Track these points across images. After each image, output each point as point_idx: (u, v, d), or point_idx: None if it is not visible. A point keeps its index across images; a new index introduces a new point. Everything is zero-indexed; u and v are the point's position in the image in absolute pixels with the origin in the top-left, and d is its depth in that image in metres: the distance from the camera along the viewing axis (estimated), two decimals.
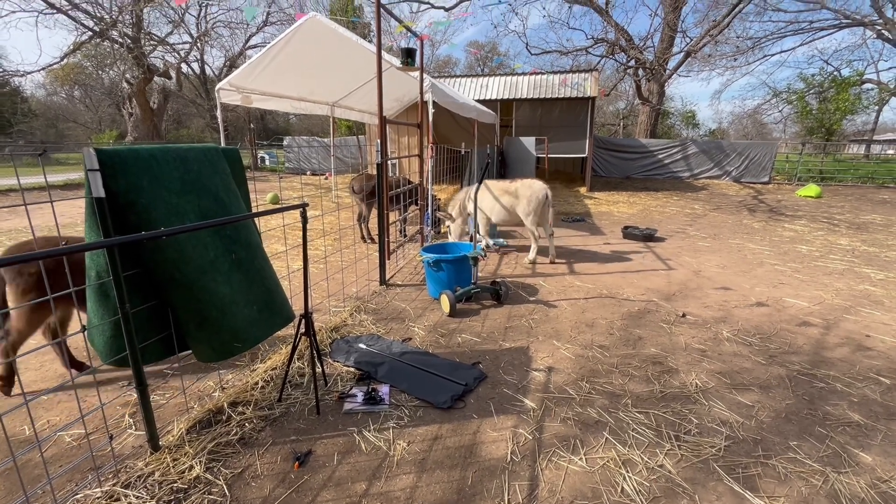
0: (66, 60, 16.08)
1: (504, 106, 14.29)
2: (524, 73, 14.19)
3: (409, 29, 5.08)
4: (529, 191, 5.22)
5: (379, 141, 4.13)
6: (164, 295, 2.06)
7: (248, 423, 2.34)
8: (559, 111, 13.40)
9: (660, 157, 16.10)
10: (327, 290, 4.31)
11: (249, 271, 2.30)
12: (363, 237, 6.59)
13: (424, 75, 6.15)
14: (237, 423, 2.31)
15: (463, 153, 9.96)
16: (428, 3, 16.80)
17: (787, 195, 13.22)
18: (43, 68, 17.04)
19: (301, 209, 2.34)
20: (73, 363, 2.78)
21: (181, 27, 19.78)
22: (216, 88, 6.93)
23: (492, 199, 5.50)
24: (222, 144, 7.69)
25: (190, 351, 2.26)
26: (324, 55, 6.89)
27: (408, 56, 4.74)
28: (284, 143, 20.82)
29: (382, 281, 4.56)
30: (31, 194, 11.70)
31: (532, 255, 5.53)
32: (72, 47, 15.45)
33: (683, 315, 3.96)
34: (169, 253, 1.99)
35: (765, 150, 15.32)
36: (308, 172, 19.88)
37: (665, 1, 15.47)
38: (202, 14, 20.95)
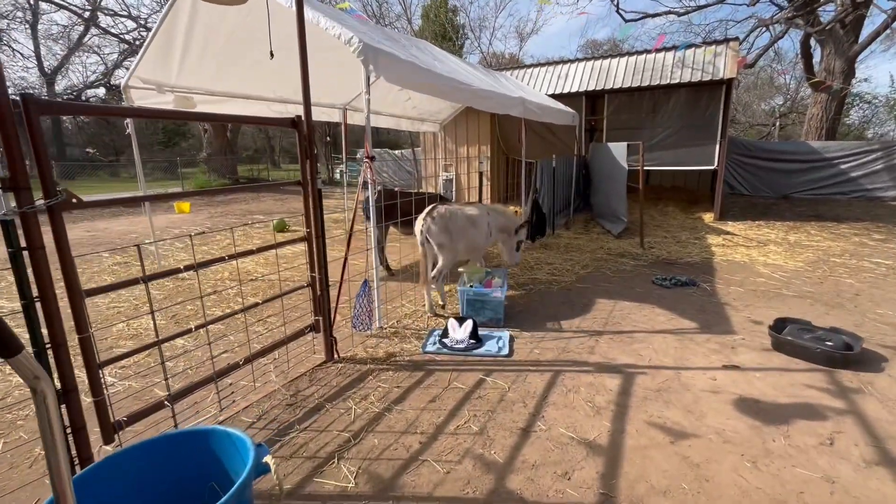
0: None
1: (596, 102, 10.68)
2: (619, 55, 10.36)
3: None
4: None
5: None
6: None
7: None
8: (674, 105, 9.35)
9: (842, 167, 10.79)
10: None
11: None
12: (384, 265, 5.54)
13: (354, 29, 3.32)
14: None
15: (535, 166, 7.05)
16: None
17: None
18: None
19: None
20: None
21: None
22: (122, 86, 4.97)
23: None
24: (137, 161, 5.80)
25: None
26: (279, 33, 4.36)
27: None
28: (358, 156, 19.67)
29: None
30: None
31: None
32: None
33: None
34: None
35: None
36: (380, 188, 18.42)
37: None
38: None
